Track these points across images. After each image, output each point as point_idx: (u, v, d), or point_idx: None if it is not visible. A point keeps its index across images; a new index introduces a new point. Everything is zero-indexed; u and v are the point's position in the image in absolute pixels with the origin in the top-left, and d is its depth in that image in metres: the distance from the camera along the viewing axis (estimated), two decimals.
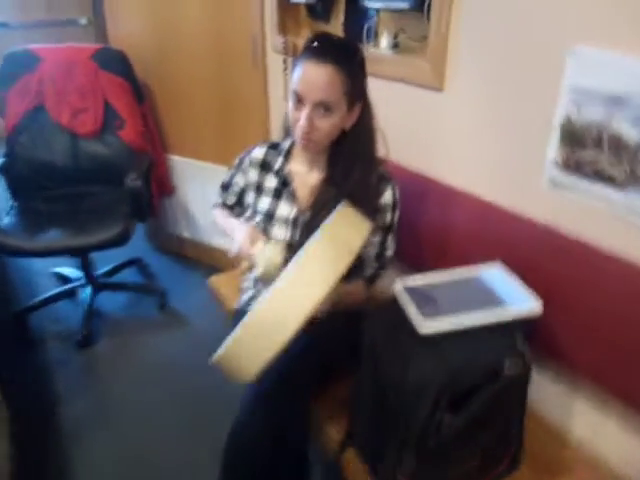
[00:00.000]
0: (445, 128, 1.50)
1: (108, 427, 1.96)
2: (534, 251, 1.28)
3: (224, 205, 1.57)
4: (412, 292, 1.22)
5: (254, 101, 2.39)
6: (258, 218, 1.41)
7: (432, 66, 1.46)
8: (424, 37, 1.54)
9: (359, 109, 1.27)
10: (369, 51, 1.68)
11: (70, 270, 2.77)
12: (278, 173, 1.39)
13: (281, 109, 2.19)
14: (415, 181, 1.56)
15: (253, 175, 1.43)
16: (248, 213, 1.47)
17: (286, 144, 1.41)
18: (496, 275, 1.26)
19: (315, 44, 1.20)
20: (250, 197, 1.46)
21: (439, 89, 1.48)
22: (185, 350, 2.36)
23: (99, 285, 2.64)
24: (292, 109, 1.23)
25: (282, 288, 0.88)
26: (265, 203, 1.41)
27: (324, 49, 1.19)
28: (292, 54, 2.04)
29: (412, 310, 1.15)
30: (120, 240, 2.28)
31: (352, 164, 1.30)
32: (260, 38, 2.21)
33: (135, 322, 2.58)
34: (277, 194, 1.40)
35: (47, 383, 2.16)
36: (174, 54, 2.50)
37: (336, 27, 1.90)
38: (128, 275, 2.87)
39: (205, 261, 2.95)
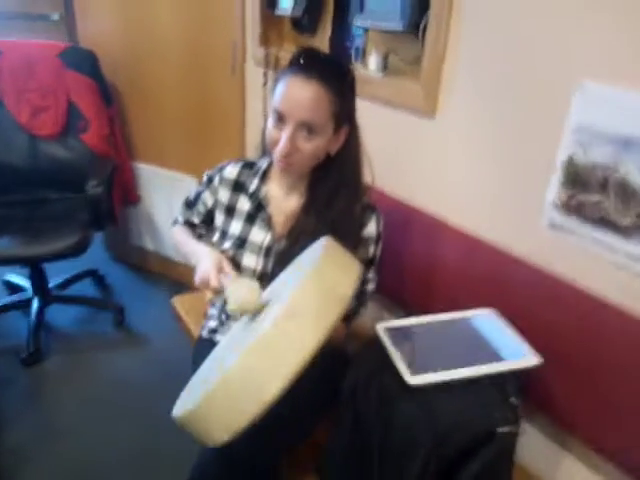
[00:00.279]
0: (435, 158, 1.42)
1: (55, 454, 1.79)
2: (528, 296, 1.20)
3: (187, 224, 1.44)
4: (396, 336, 1.13)
5: (229, 112, 2.27)
6: (228, 243, 1.28)
7: (425, 91, 1.38)
8: (416, 59, 1.46)
9: (346, 133, 1.17)
10: (356, 71, 1.59)
11: (22, 279, 2.58)
12: (253, 196, 1.27)
13: (258, 122, 2.08)
14: (401, 211, 1.47)
15: (224, 195, 1.31)
16: (216, 237, 1.34)
17: (263, 164, 1.29)
18: (487, 320, 1.18)
19: (302, 59, 1.10)
20: (219, 219, 1.33)
21: (431, 116, 1.40)
22: (142, 370, 2.21)
23: (51, 297, 2.46)
24: (272, 128, 1.12)
25: (263, 343, 0.76)
26: (236, 227, 1.29)
27: (312, 65, 1.08)
28: (274, 67, 1.94)
29: (397, 359, 1.06)
30: (76, 251, 2.12)
31: (336, 192, 1.20)
32: (241, 48, 2.11)
33: (89, 339, 2.41)
34: (250, 219, 1.28)
35: None
36: (146, 56, 2.36)
37: (322, 42, 1.80)
38: (83, 288, 2.69)
39: (169, 276, 2.80)
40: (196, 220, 1.41)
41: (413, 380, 1.01)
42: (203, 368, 1.08)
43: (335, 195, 1.19)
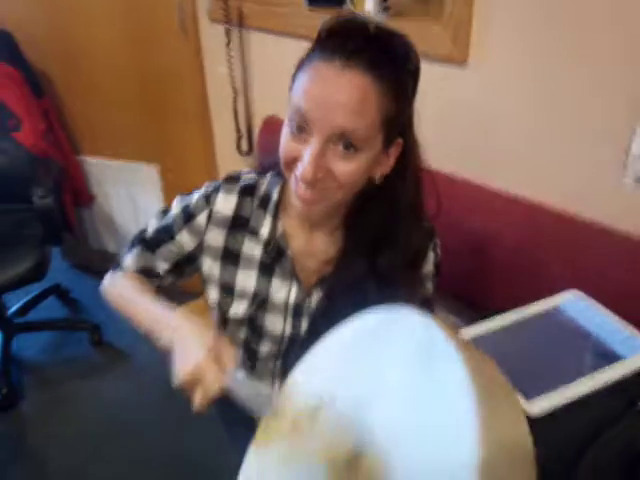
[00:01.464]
0: (473, 113, 1.17)
1: None
2: (617, 269, 0.99)
3: (143, 272, 0.96)
4: (485, 347, 0.91)
5: (186, 82, 1.93)
6: (242, 304, 0.92)
7: (451, 33, 1.12)
8: None
9: (399, 149, 0.80)
10: None
11: None
12: (268, 241, 0.89)
13: (225, 91, 1.77)
14: (445, 188, 1.21)
15: (216, 237, 0.90)
16: (214, 294, 0.94)
17: (272, 190, 0.89)
18: (580, 306, 0.97)
19: (338, 34, 0.70)
20: (211, 267, 0.93)
21: (462, 63, 1.14)
22: (132, 395, 1.95)
23: (14, 328, 2.12)
24: (288, 138, 0.75)
25: None
26: (248, 280, 0.91)
27: (355, 44, 0.68)
28: (238, 23, 1.62)
29: None
30: (36, 275, 1.82)
31: (387, 230, 0.85)
32: (189, 4, 1.76)
33: (66, 367, 2.10)
34: (266, 268, 0.90)
35: None
36: (76, 32, 1.98)
37: None
38: (47, 308, 2.33)
39: None
40: (161, 268, 0.95)
41: (533, 409, 0.80)
42: None
43: (386, 235, 0.85)
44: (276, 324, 0.92)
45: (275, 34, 1.55)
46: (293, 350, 0.94)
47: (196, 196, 0.91)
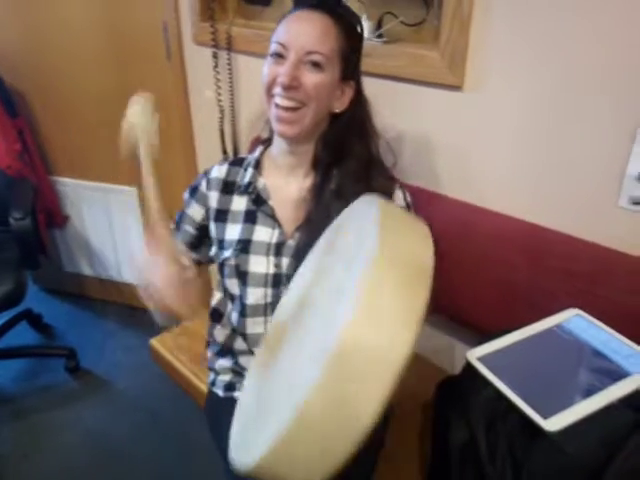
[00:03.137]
0: (470, 138, 1.20)
1: None
2: (616, 287, 1.03)
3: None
4: (496, 366, 0.93)
5: (168, 105, 1.92)
6: (227, 253, 1.07)
7: (447, 58, 1.15)
8: (420, 22, 1.23)
9: (352, 93, 1.02)
10: None
11: None
12: (248, 189, 1.08)
13: (209, 115, 1.77)
14: (453, 213, 1.23)
15: (213, 199, 1.11)
16: (213, 250, 1.12)
17: (254, 155, 1.11)
18: (582, 324, 1.00)
19: None
20: (212, 230, 1.12)
21: (457, 88, 1.17)
22: (114, 422, 1.88)
23: None
24: (269, 67, 0.98)
25: (339, 361, 0.52)
26: (234, 231, 1.08)
27: (320, 1, 0.97)
28: (226, 46, 1.62)
29: (513, 397, 0.86)
30: (13, 301, 1.75)
31: (352, 161, 1.03)
32: (175, 27, 1.75)
33: (42, 396, 2.01)
34: (250, 217, 1.08)
35: None
36: (53, 51, 1.94)
37: (281, 13, 1.51)
38: (18, 335, 2.24)
39: (116, 301, 2.43)
40: (185, 241, 1.15)
41: (550, 425, 0.82)
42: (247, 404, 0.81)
43: (352, 166, 1.03)
44: (259, 264, 1.05)
45: (264, 57, 1.56)
46: (279, 298, 1.03)
47: (197, 177, 1.15)
